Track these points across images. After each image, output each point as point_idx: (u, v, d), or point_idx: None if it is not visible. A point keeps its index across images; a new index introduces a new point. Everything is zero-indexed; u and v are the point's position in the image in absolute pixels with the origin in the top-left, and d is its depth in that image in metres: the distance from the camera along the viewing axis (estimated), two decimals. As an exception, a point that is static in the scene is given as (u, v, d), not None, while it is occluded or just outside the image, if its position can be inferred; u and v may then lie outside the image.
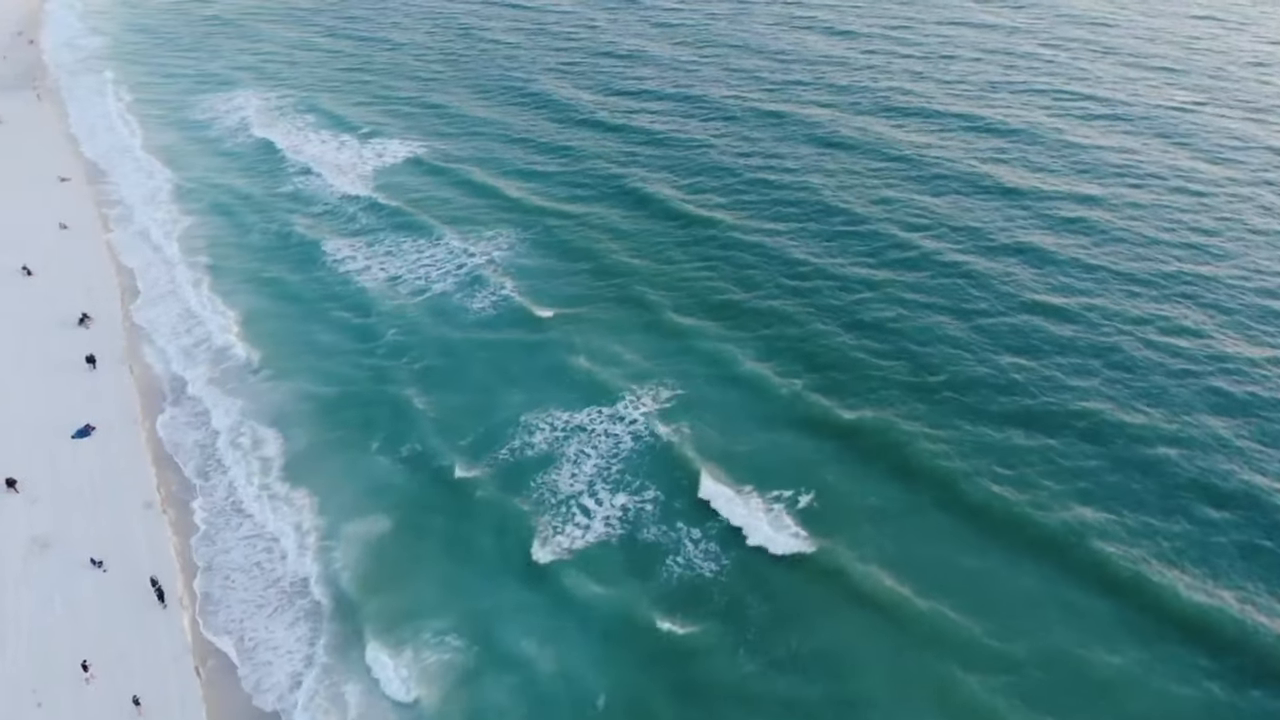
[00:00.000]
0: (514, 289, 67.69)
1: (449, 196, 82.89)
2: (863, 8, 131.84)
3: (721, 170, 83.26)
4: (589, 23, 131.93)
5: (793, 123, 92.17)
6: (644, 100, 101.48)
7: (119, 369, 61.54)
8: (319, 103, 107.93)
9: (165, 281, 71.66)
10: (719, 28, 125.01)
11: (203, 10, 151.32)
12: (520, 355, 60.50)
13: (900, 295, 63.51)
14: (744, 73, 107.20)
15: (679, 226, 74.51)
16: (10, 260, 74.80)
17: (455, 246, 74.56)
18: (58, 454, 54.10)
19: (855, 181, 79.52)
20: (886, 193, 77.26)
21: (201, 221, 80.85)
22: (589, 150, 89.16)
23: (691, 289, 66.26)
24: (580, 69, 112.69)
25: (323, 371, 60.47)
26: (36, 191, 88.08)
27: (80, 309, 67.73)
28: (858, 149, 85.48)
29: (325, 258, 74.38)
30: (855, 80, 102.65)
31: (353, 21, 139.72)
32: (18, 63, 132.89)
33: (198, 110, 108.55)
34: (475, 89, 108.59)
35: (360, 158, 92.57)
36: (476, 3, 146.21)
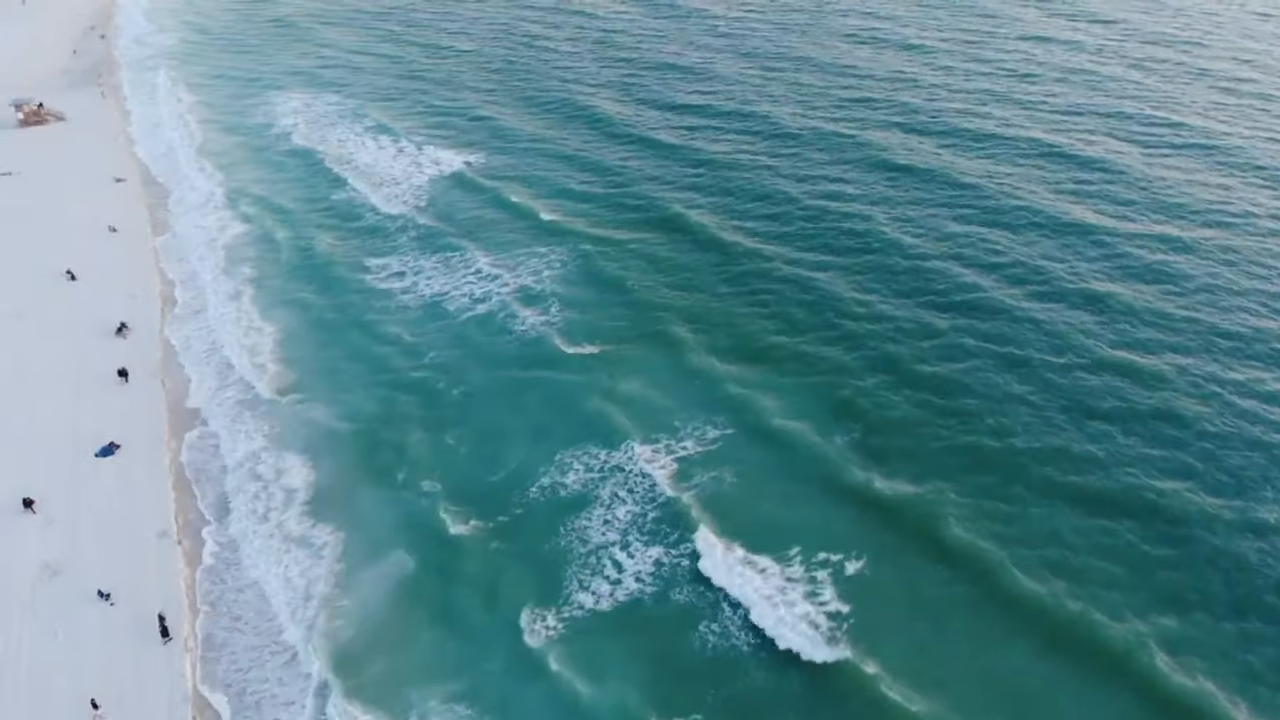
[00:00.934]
0: (551, 317, 64.98)
1: (494, 214, 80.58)
2: (939, 21, 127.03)
3: (777, 196, 79.66)
4: (655, 33, 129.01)
5: (856, 145, 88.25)
6: (703, 117, 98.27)
7: (151, 383, 60.16)
8: (375, 110, 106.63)
9: (206, 293, 70.34)
10: (789, 41, 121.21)
11: (270, 11, 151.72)
12: (550, 391, 57.67)
13: (961, 345, 59.14)
14: (810, 90, 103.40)
15: (727, 258, 70.93)
16: (56, 263, 74.24)
17: (497, 267, 72.12)
18: (79, 473, 52.69)
19: (919, 213, 75.42)
20: (953, 227, 73.02)
21: (248, 230, 79.59)
22: (641, 172, 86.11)
23: (735, 328, 62.61)
24: (641, 82, 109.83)
25: (354, 398, 58.36)
26: (91, 192, 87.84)
27: (119, 318, 66.68)
28: (924, 176, 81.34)
29: (366, 274, 72.52)
30: (926, 101, 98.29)
31: (415, 28, 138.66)
32: (87, 57, 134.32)
33: (255, 113, 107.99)
34: (533, 101, 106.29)
35: (411, 169, 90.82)
36: (540, 10, 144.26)
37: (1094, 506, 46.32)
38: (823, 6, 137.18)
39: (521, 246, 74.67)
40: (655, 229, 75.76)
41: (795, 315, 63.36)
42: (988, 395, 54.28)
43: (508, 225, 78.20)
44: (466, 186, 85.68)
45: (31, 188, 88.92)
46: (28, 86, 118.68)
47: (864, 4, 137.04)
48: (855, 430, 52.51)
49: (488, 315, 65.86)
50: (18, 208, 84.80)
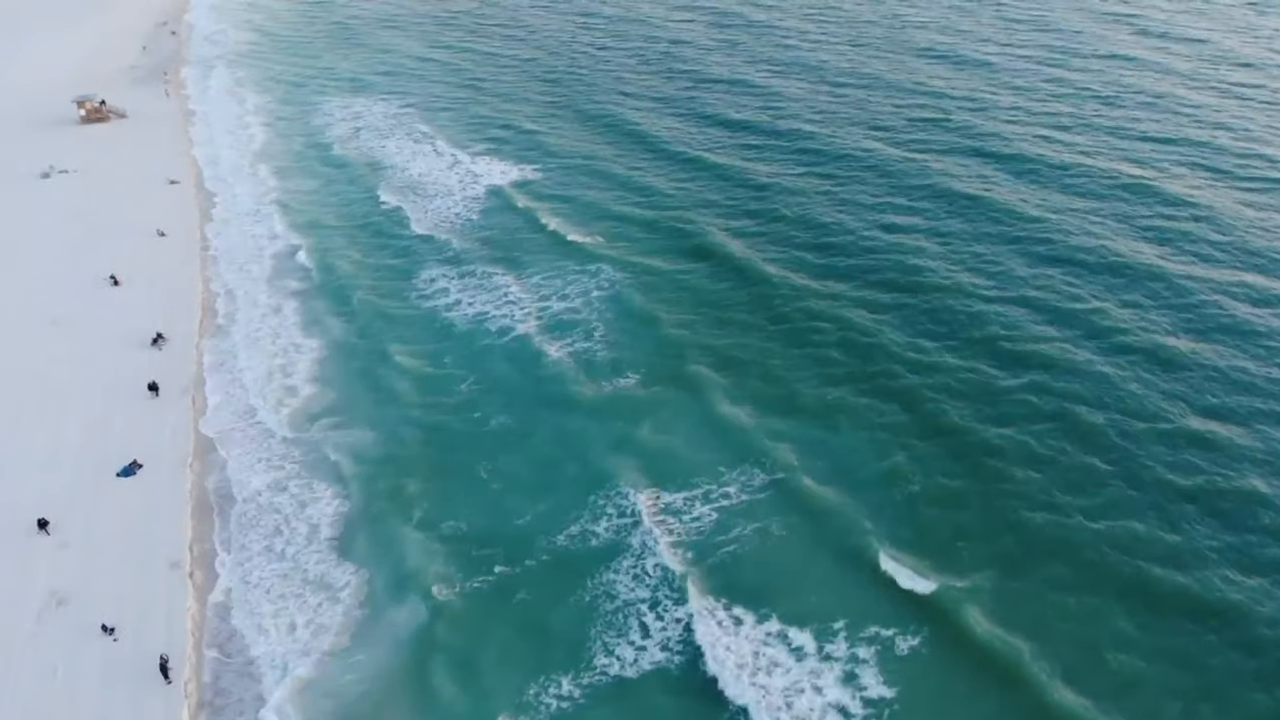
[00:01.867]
0: (585, 350, 62.17)
1: (537, 236, 78.10)
2: (1021, 38, 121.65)
3: (831, 227, 75.71)
4: (721, 46, 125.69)
5: (923, 173, 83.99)
6: (762, 137, 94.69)
7: (181, 400, 58.70)
8: (436, 117, 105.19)
9: (247, 306, 68.92)
10: (860, 57, 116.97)
11: (342, 12, 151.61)
12: (581, 431, 54.66)
13: (1023, 405, 54.26)
14: (877, 111, 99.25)
15: (773, 293, 66.94)
16: (101, 266, 73.57)
17: (536, 292, 69.65)
18: (99, 493, 51.28)
19: (985, 250, 71.14)
20: (1022, 268, 68.62)
21: (296, 242, 78.19)
22: (691, 195, 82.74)
23: (776, 373, 58.71)
24: (702, 99, 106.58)
25: (389, 423, 56.31)
26: (144, 193, 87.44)
27: (157, 328, 65.53)
28: (993, 208, 76.86)
29: (407, 293, 70.64)
30: (1000, 124, 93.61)
31: (482, 37, 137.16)
32: (156, 53, 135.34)
33: (314, 116, 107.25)
34: (588, 116, 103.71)
35: (461, 182, 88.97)
36: (604, 19, 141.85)
37: (1169, 608, 41.58)
38: (900, 21, 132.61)
39: (562, 270, 72.07)
40: (699, 258, 72.44)
41: (840, 361, 59.42)
42: (1050, 466, 49.65)
43: (549, 247, 75.66)
44: (513, 204, 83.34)
45: (87, 187, 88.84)
46: (96, 82, 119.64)
47: (942, 18, 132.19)
48: (898, 498, 48.62)
49: (523, 343, 63.34)
50: (72, 207, 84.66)
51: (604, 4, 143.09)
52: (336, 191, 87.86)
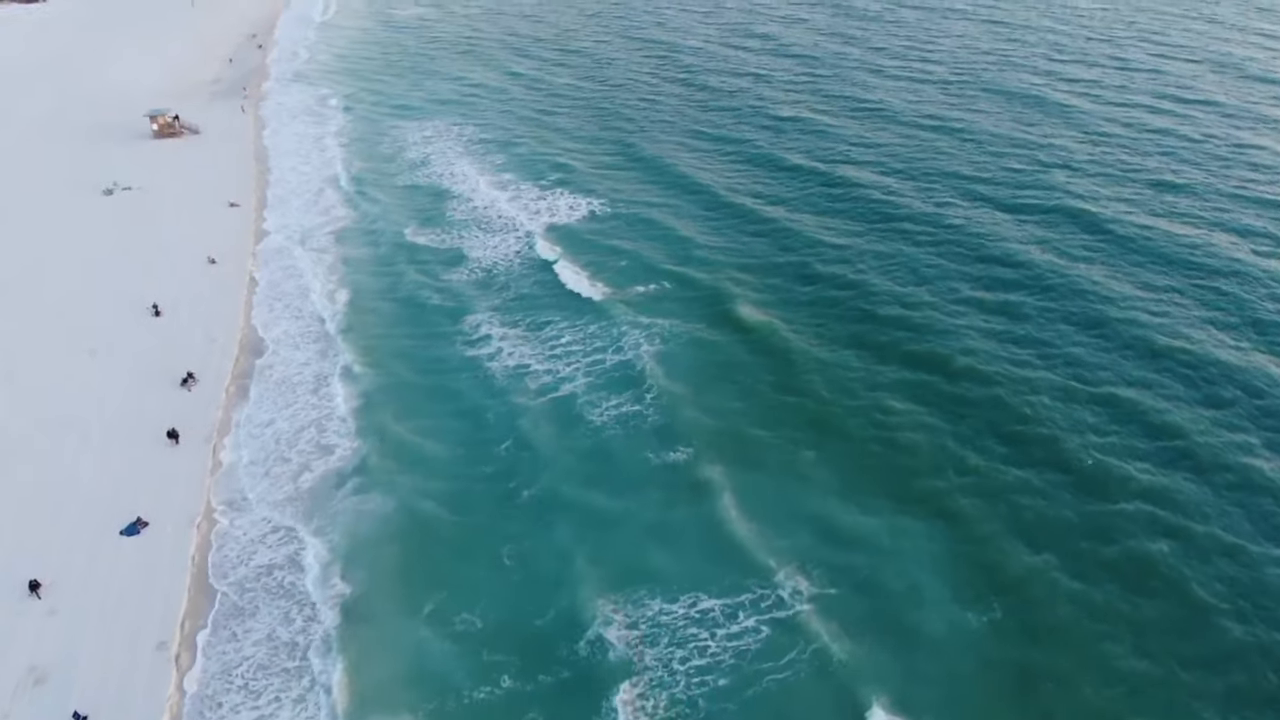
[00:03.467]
0: (654, 401, 57.43)
1: (611, 269, 73.95)
2: (1158, 77, 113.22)
3: (938, 285, 69.44)
4: (831, 66, 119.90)
5: (1009, 243, 76.82)
6: (874, 173, 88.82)
7: (200, 450, 55.25)
8: (511, 141, 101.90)
9: (287, 345, 65.59)
10: (983, 68, 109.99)
11: (429, 32, 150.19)
12: (625, 509, 49.80)
13: (1163, 514, 47.83)
14: (967, 169, 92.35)
15: (861, 361, 61.28)
16: (145, 294, 71.20)
17: (602, 333, 65.40)
18: (98, 553, 47.87)
19: (1066, 339, 64.12)
20: (1109, 365, 61.39)
21: (350, 273, 75.12)
22: (774, 244, 77.30)
23: (859, 450, 53.06)
24: (803, 126, 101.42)
25: (415, 491, 51.94)
26: (202, 215, 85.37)
27: (190, 365, 62.49)
28: (1086, 292, 69.27)
29: (457, 335, 66.65)
30: (1095, 187, 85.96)
31: (572, 54, 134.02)
32: (241, 66, 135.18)
33: (388, 138, 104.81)
34: (669, 152, 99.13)
35: (526, 216, 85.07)
36: (701, 42, 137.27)
37: None
38: (996, 61, 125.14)
39: (615, 324, 67.17)
40: (781, 314, 66.83)
41: (941, 444, 53.23)
42: (1195, 598, 43.13)
43: (604, 298, 70.84)
44: (577, 242, 78.98)
45: (147, 206, 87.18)
46: (179, 93, 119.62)
47: (1040, 62, 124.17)
48: (996, 610, 42.66)
49: (565, 405, 58.55)
50: (128, 226, 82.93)
51: (682, 46, 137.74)
52: (396, 223, 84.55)
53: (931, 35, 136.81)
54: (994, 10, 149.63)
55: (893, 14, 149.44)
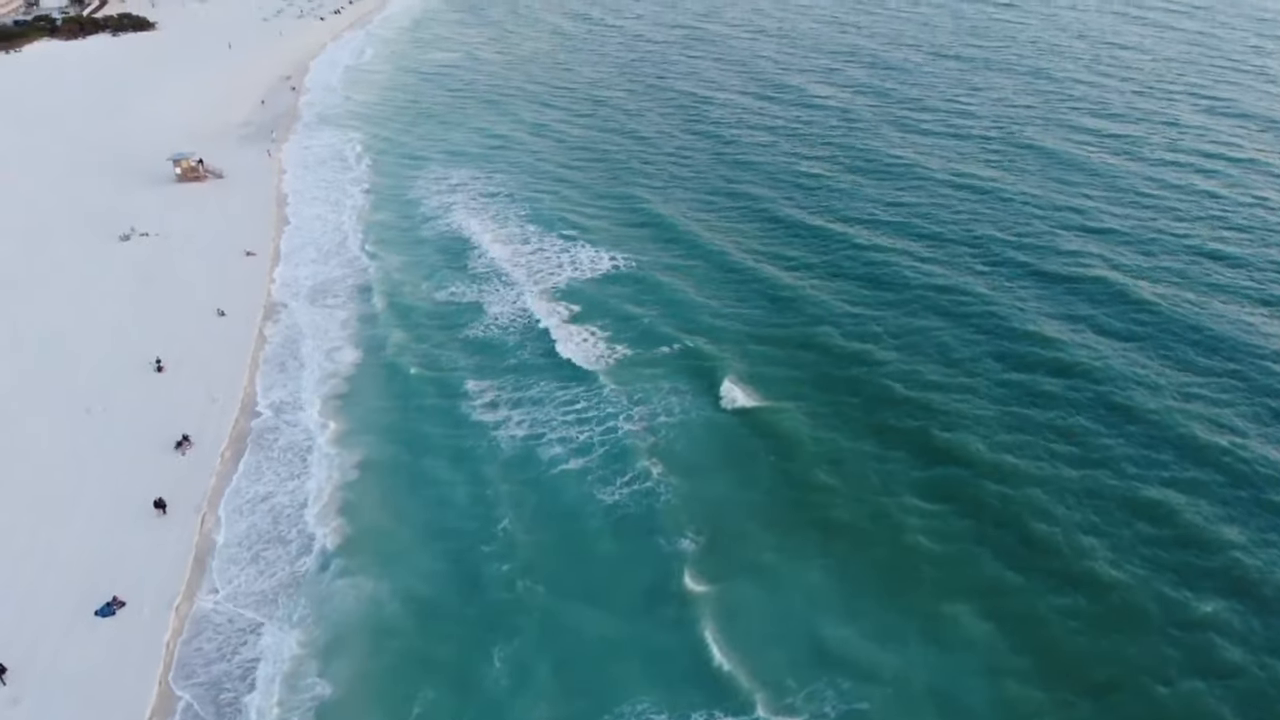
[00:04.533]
0: (653, 491, 54.24)
1: (623, 336, 71.09)
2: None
3: (987, 358, 65.64)
4: (863, 121, 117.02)
5: (1104, 289, 73.34)
6: (901, 238, 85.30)
7: (188, 522, 52.84)
8: (533, 194, 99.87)
9: (288, 407, 63.37)
10: (1021, 124, 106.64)
11: (460, 79, 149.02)
12: (632, 604, 46.92)
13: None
14: (1031, 201, 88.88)
15: (905, 455, 56.64)
16: (150, 347, 69.41)
17: (612, 403, 62.59)
18: (70, 635, 45.48)
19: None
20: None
21: (359, 331, 73.05)
22: (808, 306, 73.87)
23: (896, 567, 48.82)
24: (830, 185, 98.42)
25: (407, 575, 49.52)
26: (217, 264, 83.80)
27: (187, 427, 60.31)
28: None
29: (464, 399, 64.23)
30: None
31: (599, 105, 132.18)
32: (274, 108, 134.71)
33: (412, 188, 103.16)
34: (701, 200, 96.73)
35: (549, 269, 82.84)
36: (732, 94, 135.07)
37: None
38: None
39: (630, 390, 64.37)
40: (793, 392, 63.25)
41: (958, 554, 49.33)
42: None
43: (621, 359, 68.16)
44: (591, 304, 76.21)
45: (161, 253, 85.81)
46: (208, 134, 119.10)
47: (1100, 110, 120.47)
48: None
49: (575, 480, 55.73)
50: (141, 274, 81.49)
51: (711, 99, 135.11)
52: (416, 274, 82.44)
53: (970, 89, 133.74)
54: (1036, 63, 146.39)
55: (931, 66, 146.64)
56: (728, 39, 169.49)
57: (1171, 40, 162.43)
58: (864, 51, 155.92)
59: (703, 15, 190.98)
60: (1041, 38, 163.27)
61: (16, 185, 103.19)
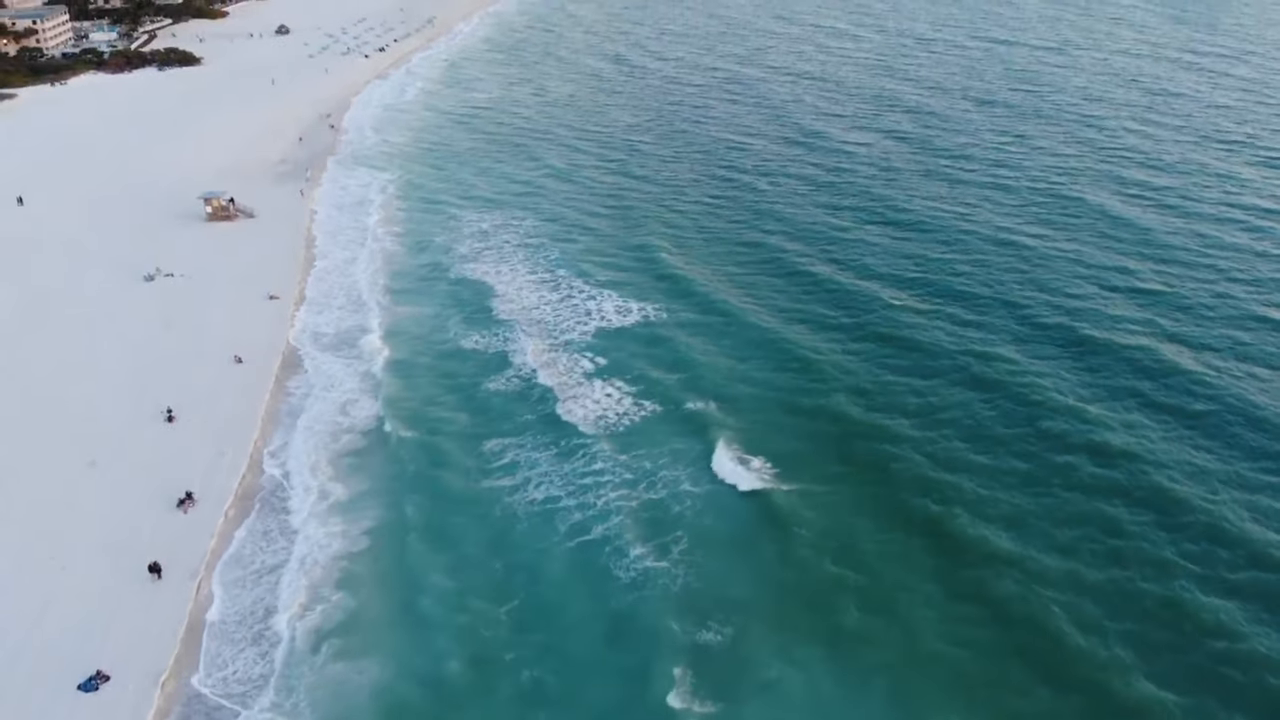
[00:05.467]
0: (672, 569, 51.16)
1: (651, 394, 68.83)
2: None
3: (1020, 440, 61.67)
4: (905, 174, 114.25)
5: (1143, 362, 69.58)
6: (937, 300, 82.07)
7: (183, 589, 50.64)
8: (563, 241, 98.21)
9: (297, 464, 61.20)
10: (1069, 178, 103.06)
11: (501, 119, 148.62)
12: (653, 700, 43.33)
13: None
14: (1071, 262, 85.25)
15: (928, 547, 52.63)
16: (163, 395, 67.90)
17: (632, 469, 60.13)
18: (48, 713, 43.12)
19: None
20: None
21: (378, 381, 71.03)
22: (838, 376, 70.38)
23: (912, 683, 44.74)
24: (868, 240, 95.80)
25: (410, 654, 46.85)
26: (239, 308, 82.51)
27: (192, 483, 58.38)
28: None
29: (479, 461, 62.02)
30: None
31: (637, 151, 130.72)
32: (311, 145, 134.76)
33: (441, 232, 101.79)
34: (734, 253, 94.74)
35: (573, 320, 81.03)
36: (771, 142, 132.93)
37: None
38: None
39: (666, 446, 62.22)
40: (817, 473, 59.30)
41: (982, 670, 45.29)
42: None
43: (649, 416, 65.85)
44: (617, 357, 73.99)
45: (184, 294, 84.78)
46: (244, 172, 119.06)
47: (1152, 163, 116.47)
48: None
49: (598, 546, 53.24)
50: (161, 316, 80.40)
51: (749, 147, 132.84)
52: (435, 326, 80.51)
53: (1015, 138, 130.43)
54: (1085, 111, 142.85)
55: (975, 113, 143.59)
56: (766, 83, 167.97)
57: (1226, 87, 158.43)
58: (905, 98, 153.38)
59: (743, 59, 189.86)
60: (1091, 85, 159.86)
61: (48, 220, 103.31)
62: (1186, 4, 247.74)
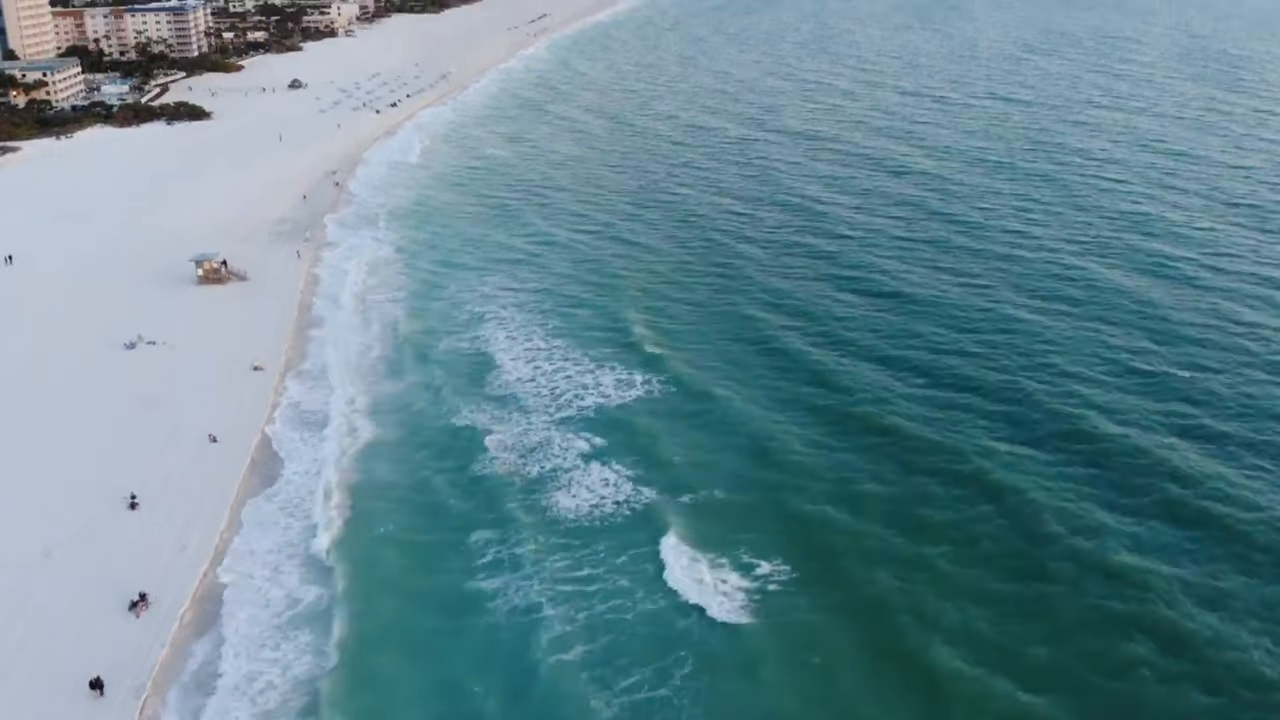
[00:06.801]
0: (667, 702, 45.86)
1: (652, 478, 64.30)
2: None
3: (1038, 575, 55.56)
4: (943, 231, 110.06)
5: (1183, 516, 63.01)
6: (978, 367, 77.54)
7: (127, 708, 45.94)
8: (570, 304, 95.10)
9: (266, 562, 56.73)
10: (1089, 253, 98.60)
11: (508, 178, 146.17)
12: None
13: None
14: (1117, 367, 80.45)
15: (944, 694, 46.96)
16: (129, 479, 63.77)
17: (619, 576, 55.00)
18: None
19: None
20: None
21: (362, 465, 66.87)
22: (840, 479, 64.97)
23: None
24: (901, 305, 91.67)
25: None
26: (220, 380, 78.68)
27: (148, 581, 53.97)
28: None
29: (460, 559, 57.56)
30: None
31: (648, 208, 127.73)
32: (314, 204, 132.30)
33: (442, 296, 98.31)
34: (753, 318, 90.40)
35: (577, 388, 77.85)
36: (793, 197, 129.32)
37: None
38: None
39: (656, 547, 57.08)
40: (838, 595, 53.64)
41: None
42: None
43: (642, 515, 60.88)
44: (617, 435, 69.68)
45: (164, 364, 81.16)
46: (241, 233, 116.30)
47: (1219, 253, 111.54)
48: None
49: (574, 676, 47.82)
50: (137, 390, 76.59)
51: (769, 200, 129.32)
52: (430, 400, 76.23)
53: (1028, 206, 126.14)
54: (1105, 177, 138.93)
55: (987, 180, 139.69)
56: (780, 145, 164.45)
57: (1250, 149, 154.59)
58: (914, 164, 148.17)
59: (751, 120, 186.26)
60: (1111, 149, 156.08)
61: (35, 281, 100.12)
62: (1209, 61, 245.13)
